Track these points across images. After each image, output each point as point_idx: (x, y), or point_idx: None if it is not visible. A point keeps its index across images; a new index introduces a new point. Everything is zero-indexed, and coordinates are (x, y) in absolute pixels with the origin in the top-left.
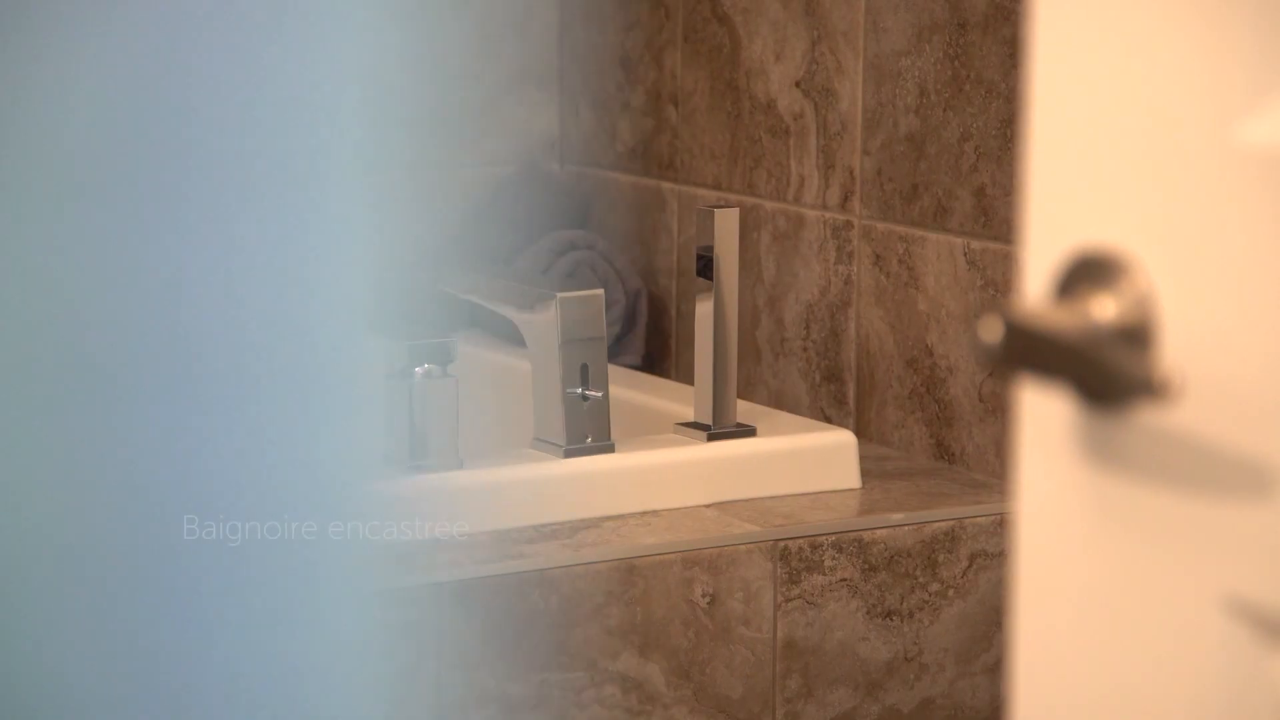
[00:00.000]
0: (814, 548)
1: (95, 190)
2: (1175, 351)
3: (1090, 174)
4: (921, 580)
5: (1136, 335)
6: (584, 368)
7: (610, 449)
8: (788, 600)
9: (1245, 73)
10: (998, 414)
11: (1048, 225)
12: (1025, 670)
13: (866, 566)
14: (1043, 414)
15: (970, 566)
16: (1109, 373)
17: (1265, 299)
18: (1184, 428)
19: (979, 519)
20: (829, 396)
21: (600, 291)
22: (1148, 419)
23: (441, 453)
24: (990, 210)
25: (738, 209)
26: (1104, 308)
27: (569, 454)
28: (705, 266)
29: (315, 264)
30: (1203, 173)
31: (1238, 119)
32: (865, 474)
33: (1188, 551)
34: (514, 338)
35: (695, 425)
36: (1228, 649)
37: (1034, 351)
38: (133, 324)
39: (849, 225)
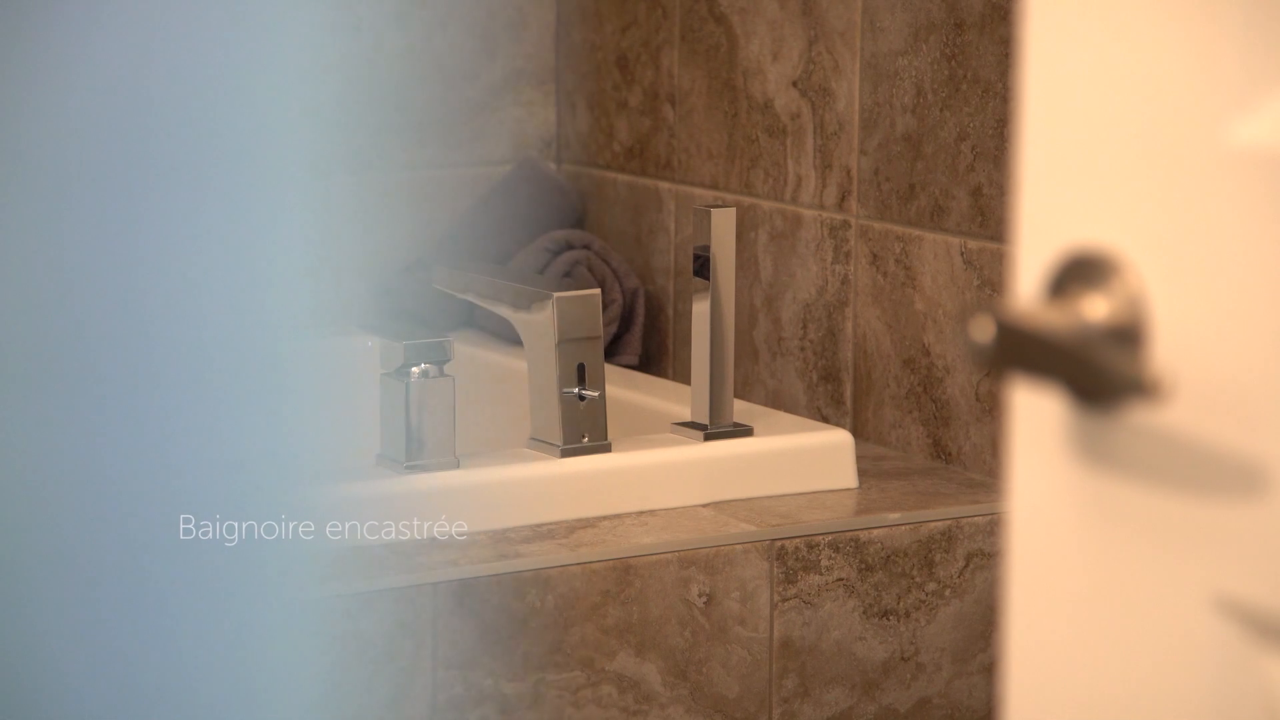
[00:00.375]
0: (810, 547)
1: (72, 192)
2: (1166, 351)
3: (1083, 174)
4: (918, 580)
5: (1128, 335)
6: (580, 367)
7: (607, 449)
8: (784, 600)
9: (1237, 72)
10: (994, 414)
11: (1040, 225)
12: (1017, 669)
13: (863, 566)
14: (1035, 413)
15: (967, 566)
16: (1100, 372)
17: (1257, 298)
18: (1175, 427)
19: (976, 519)
20: (826, 396)
21: (597, 291)
22: (1139, 418)
23: (438, 452)
24: (987, 210)
25: (734, 209)
26: (1095, 307)
27: (565, 454)
28: (702, 266)
29: (271, 264)
30: (1195, 172)
31: (1229, 118)
32: (862, 473)
33: (1179, 550)
34: (511, 337)
35: (692, 425)
36: (1218, 648)
37: (1026, 351)
38: (92, 323)
39: (846, 225)
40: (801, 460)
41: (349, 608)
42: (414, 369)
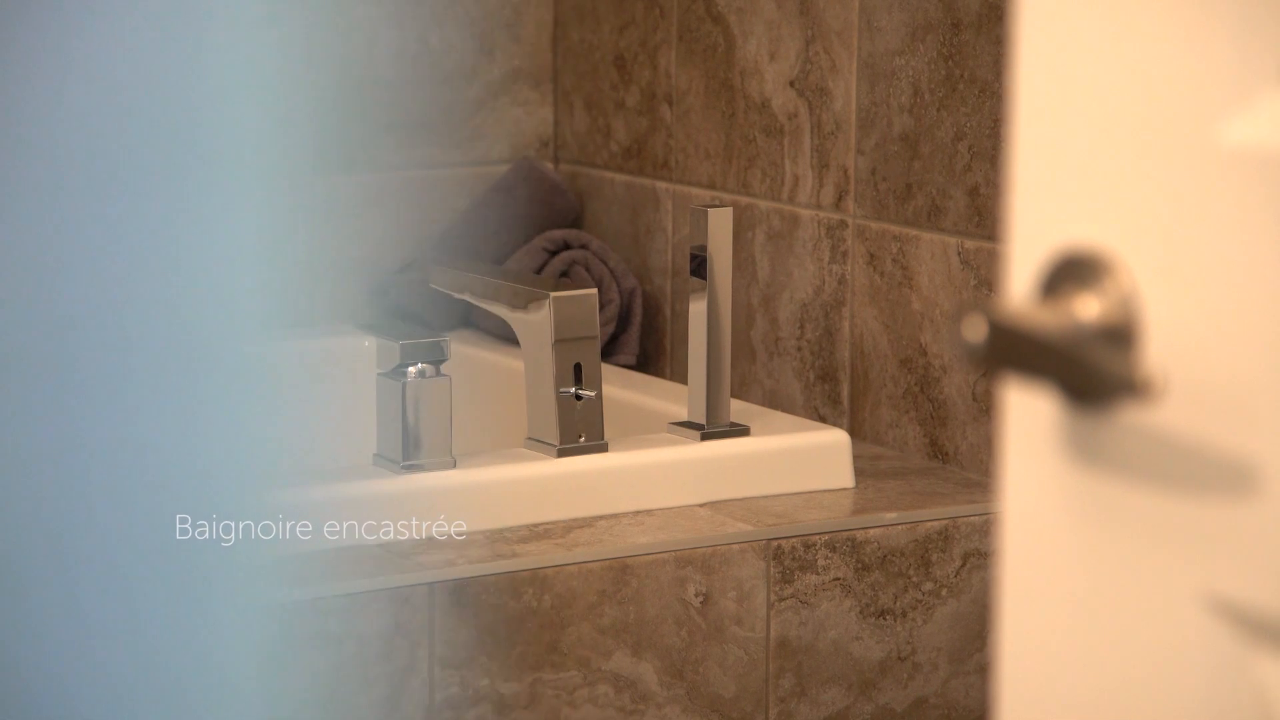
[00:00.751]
0: (807, 547)
1: (56, 193)
2: (1159, 351)
3: (1075, 173)
4: (915, 580)
5: (1120, 334)
6: (577, 367)
7: (603, 448)
8: (781, 599)
9: (1230, 71)
10: (991, 413)
11: (1033, 224)
12: (1010, 668)
13: (860, 566)
14: (1027, 413)
15: (963, 566)
16: (1092, 372)
17: (1248, 298)
18: (1167, 427)
19: (972, 518)
20: (823, 396)
21: (593, 291)
22: (1131, 418)
23: (435, 452)
24: (984, 210)
25: (731, 208)
26: (1088, 307)
27: (562, 453)
28: (699, 266)
29: (247, 265)
30: (1186, 172)
31: (1221, 118)
32: (859, 473)
33: (1170, 550)
34: (508, 337)
35: (688, 425)
36: (1209, 648)
37: (1018, 351)
38: (19, 319)
39: (843, 225)
40: (798, 460)
41: (346, 607)
42: (410, 369)
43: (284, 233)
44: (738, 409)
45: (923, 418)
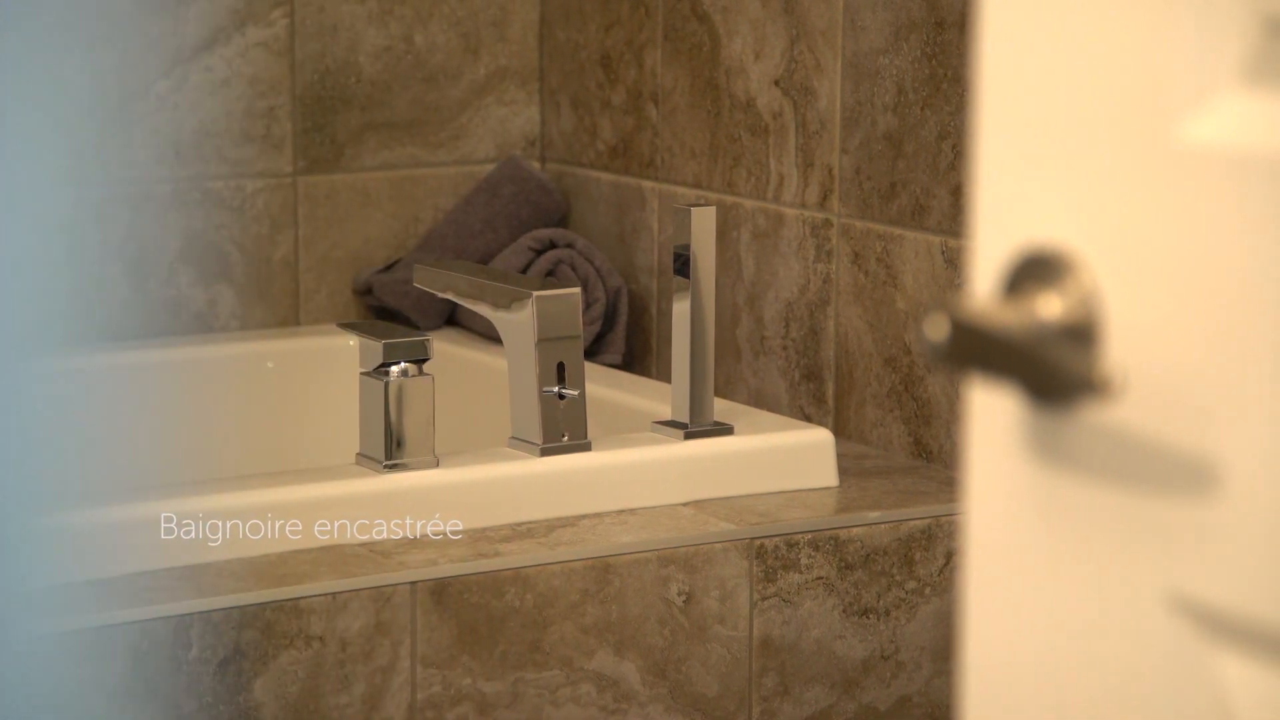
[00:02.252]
0: (790, 546)
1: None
2: (1120, 349)
3: (1038, 172)
4: (898, 578)
5: (1081, 333)
6: (560, 366)
7: (586, 447)
8: (764, 598)
9: (1189, 71)
10: None
11: (996, 223)
12: (974, 666)
13: (843, 565)
14: (991, 412)
15: (947, 565)
16: (1053, 370)
17: (1209, 297)
18: (1128, 425)
19: (955, 517)
20: (808, 395)
21: (576, 290)
22: (1093, 417)
23: (417, 451)
24: (968, 209)
25: (714, 207)
26: (1049, 305)
27: (545, 452)
28: (683, 265)
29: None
30: (1148, 171)
31: (1182, 117)
32: (843, 472)
33: (1133, 548)
34: (492, 336)
35: (672, 424)
36: (1171, 645)
37: (981, 349)
38: None
39: (828, 224)
40: (782, 459)
41: (327, 606)
42: (393, 368)
43: (71, 247)
44: (722, 408)
45: (907, 416)
